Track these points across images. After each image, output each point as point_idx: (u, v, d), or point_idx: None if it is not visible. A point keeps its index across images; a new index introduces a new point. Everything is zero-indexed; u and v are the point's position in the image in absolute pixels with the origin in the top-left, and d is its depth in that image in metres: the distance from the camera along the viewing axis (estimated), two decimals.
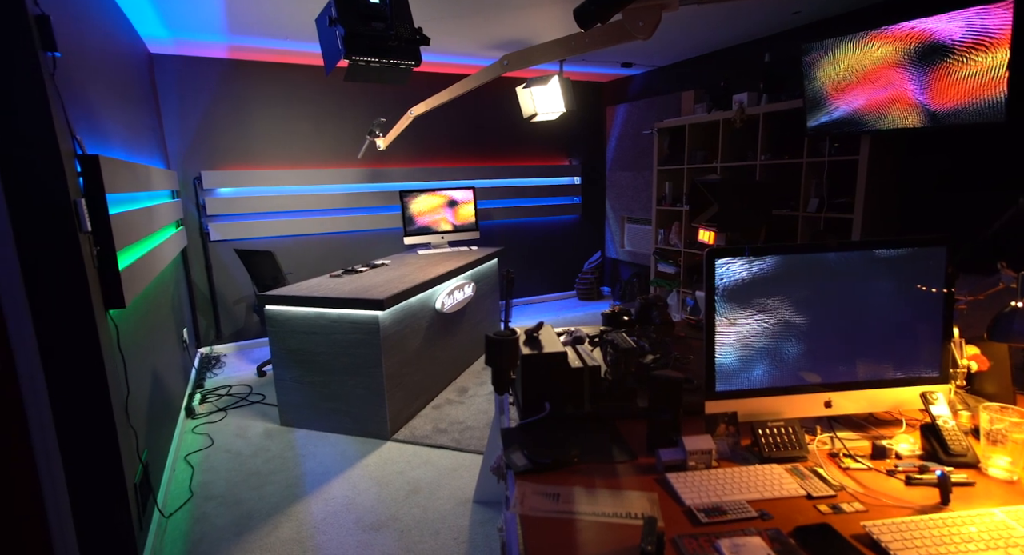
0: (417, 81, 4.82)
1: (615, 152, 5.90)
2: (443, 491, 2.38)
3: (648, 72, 5.34)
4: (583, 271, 6.05)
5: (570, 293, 6.20)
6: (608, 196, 6.10)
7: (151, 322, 2.64)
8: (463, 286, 3.74)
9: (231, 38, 3.73)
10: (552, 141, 5.79)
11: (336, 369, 2.90)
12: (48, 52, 1.59)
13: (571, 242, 6.10)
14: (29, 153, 1.56)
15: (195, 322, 4.36)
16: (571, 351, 1.66)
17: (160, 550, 2.05)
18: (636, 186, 5.62)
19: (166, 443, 2.63)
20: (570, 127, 5.81)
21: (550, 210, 5.82)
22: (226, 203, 4.33)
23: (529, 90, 3.38)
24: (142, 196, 2.54)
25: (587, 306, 5.82)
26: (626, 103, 5.63)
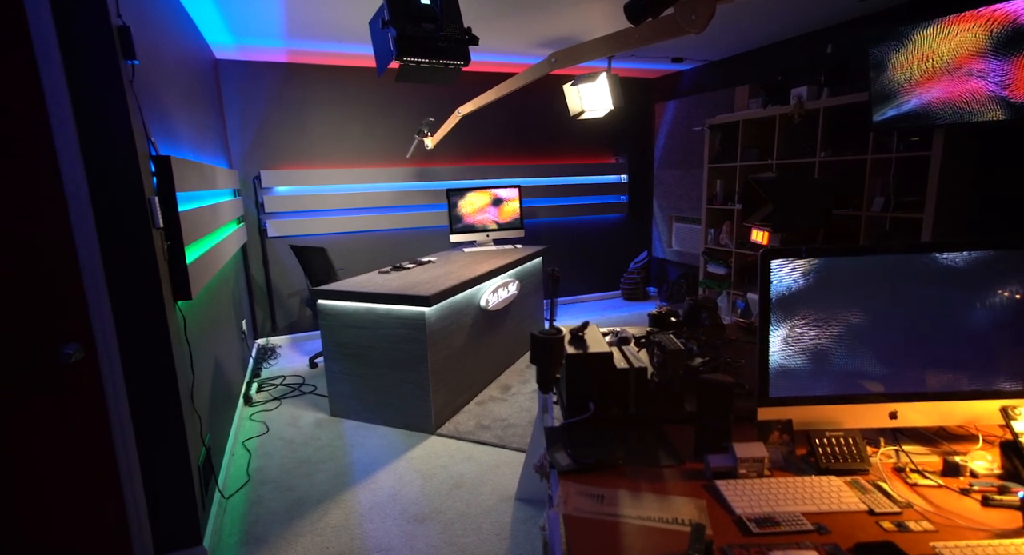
0: (465, 81, 4.89)
1: (663, 150, 5.77)
2: (486, 487, 2.41)
3: (699, 67, 5.19)
4: (628, 271, 5.96)
5: (615, 293, 6.12)
6: (656, 194, 5.98)
7: (213, 314, 2.79)
8: (507, 284, 3.76)
9: (289, 42, 3.88)
10: (598, 139, 5.72)
11: (383, 363, 2.98)
12: (128, 60, 1.70)
13: (617, 241, 6.01)
14: (110, 154, 1.68)
15: (253, 314, 4.59)
16: (617, 352, 1.64)
17: (220, 529, 2.18)
18: (685, 184, 5.48)
19: (226, 428, 2.78)
20: (617, 124, 5.73)
21: (596, 209, 5.76)
22: (282, 201, 4.52)
23: (576, 88, 3.36)
24: (207, 194, 2.68)
25: (632, 306, 5.73)
26: (676, 99, 5.50)
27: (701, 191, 4.93)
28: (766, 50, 4.44)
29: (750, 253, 4.33)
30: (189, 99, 2.88)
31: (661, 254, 5.97)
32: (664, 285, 5.88)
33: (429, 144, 4.06)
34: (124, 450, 1.81)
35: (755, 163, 4.21)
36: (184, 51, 2.91)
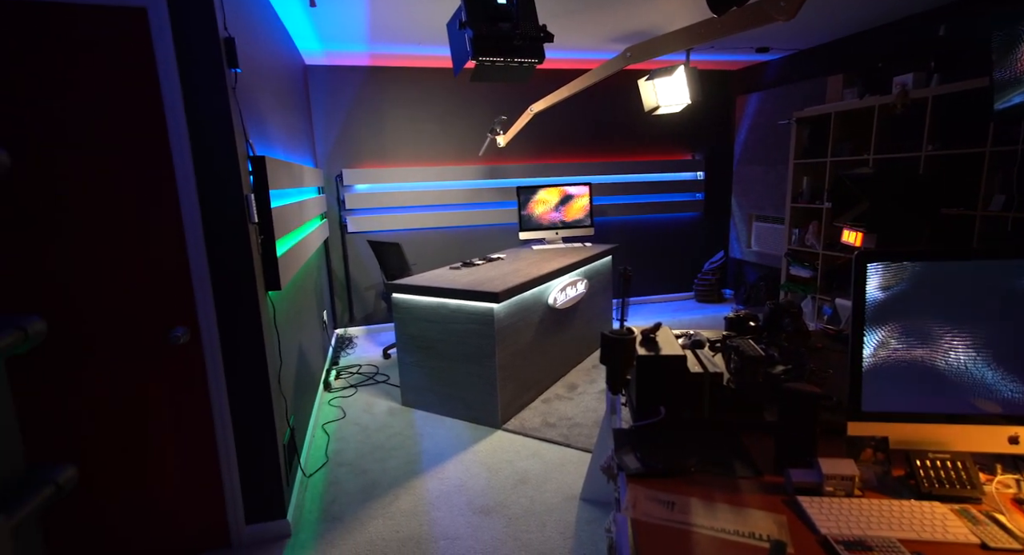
0: (537, 78, 4.89)
1: (744, 145, 5.48)
2: (550, 484, 2.41)
3: (787, 57, 4.87)
4: (703, 271, 5.73)
5: (688, 294, 5.91)
6: (734, 192, 5.69)
7: (298, 304, 2.98)
8: (576, 282, 3.73)
9: (372, 46, 4.06)
10: (674, 135, 5.53)
11: (453, 356, 3.06)
12: (232, 69, 1.85)
13: (691, 240, 5.79)
14: (215, 155, 1.84)
15: (333, 305, 4.86)
16: (690, 355, 1.58)
17: (302, 505, 2.33)
18: (767, 181, 5.18)
19: (308, 412, 2.96)
20: (694, 119, 5.51)
21: (669, 207, 5.58)
22: (362, 198, 4.75)
23: (652, 82, 3.26)
24: (295, 192, 2.87)
25: (706, 309, 5.50)
26: (759, 92, 5.20)
27: (785, 189, 4.64)
28: (864, 36, 4.09)
29: (840, 255, 4.02)
30: (282, 103, 3.09)
31: (739, 255, 5.68)
32: (741, 287, 5.59)
33: (501, 142, 4.10)
34: (222, 425, 1.98)
35: (848, 158, 3.90)
36: (279, 59, 3.12)
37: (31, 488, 0.64)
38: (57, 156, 1.68)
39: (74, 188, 1.71)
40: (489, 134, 4.15)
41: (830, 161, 4.02)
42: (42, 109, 1.65)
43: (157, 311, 1.85)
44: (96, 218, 1.74)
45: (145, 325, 1.84)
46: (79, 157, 1.70)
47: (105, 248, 1.77)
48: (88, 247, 1.75)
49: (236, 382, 1.99)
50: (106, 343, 1.81)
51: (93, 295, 1.78)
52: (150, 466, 1.93)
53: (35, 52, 1.61)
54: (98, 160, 1.72)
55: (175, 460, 1.96)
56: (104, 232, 1.76)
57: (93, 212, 1.74)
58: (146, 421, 1.90)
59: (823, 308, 4.08)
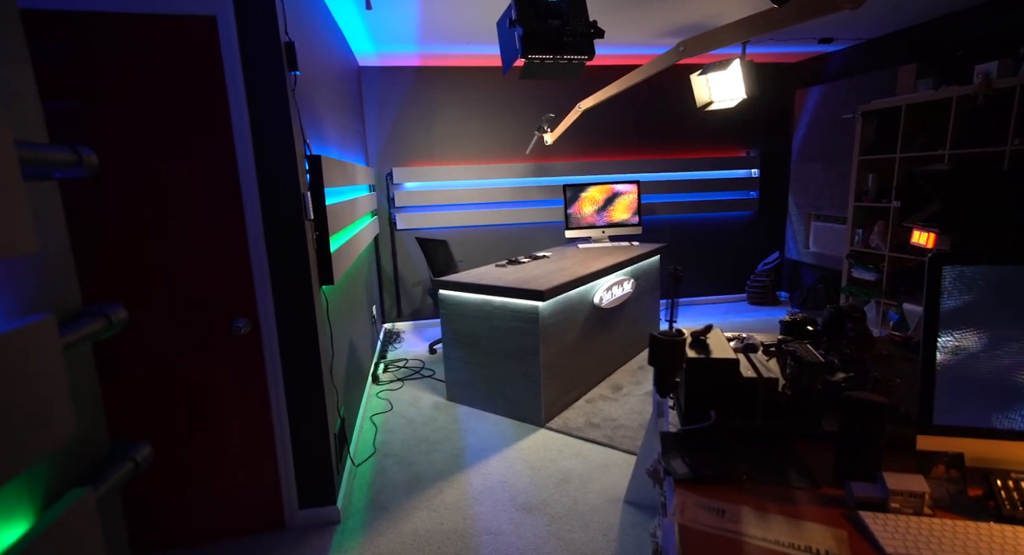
0: (586, 75, 4.83)
1: (803, 141, 5.23)
2: (594, 485, 2.39)
3: (852, 47, 4.61)
4: (756, 273, 5.51)
5: (739, 296, 5.70)
6: (792, 190, 5.45)
7: (349, 298, 3.08)
8: (622, 282, 3.68)
9: (422, 47, 4.14)
10: (727, 131, 5.35)
11: (497, 353, 3.08)
12: (291, 71, 1.93)
13: (744, 240, 5.58)
14: (275, 155, 1.92)
15: (381, 300, 4.99)
16: (743, 358, 1.53)
17: (351, 493, 2.41)
18: (827, 179, 4.92)
19: (357, 403, 3.06)
20: (749, 115, 5.30)
21: (721, 205, 5.40)
22: (410, 196, 4.85)
23: (705, 77, 3.16)
24: (348, 190, 2.97)
25: (759, 311, 5.30)
26: (821, 85, 4.95)
27: (848, 186, 4.40)
28: (940, 22, 3.81)
29: (909, 257, 3.78)
30: (336, 103, 3.20)
31: (795, 256, 5.43)
32: (798, 290, 5.35)
33: (548, 140, 4.09)
34: (278, 412, 2.08)
35: (920, 154, 3.65)
36: (334, 61, 3.23)
37: (113, 464, 0.69)
38: (136, 156, 1.80)
39: (152, 186, 1.83)
40: (536, 132, 4.14)
41: (899, 157, 3.78)
42: (123, 112, 1.77)
43: (222, 302, 1.96)
44: (170, 214, 1.86)
45: (211, 316, 1.95)
46: (157, 157, 1.82)
47: (178, 242, 1.88)
48: (163, 241, 1.87)
49: (292, 372, 2.08)
50: (177, 332, 1.93)
51: (167, 286, 1.90)
52: (214, 449, 2.05)
53: (116, 59, 1.74)
54: (173, 160, 1.83)
55: (236, 444, 2.07)
56: (177, 227, 1.87)
57: (167, 208, 1.86)
58: (211, 406, 2.01)
59: (888, 313, 3.84)
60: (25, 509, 0.56)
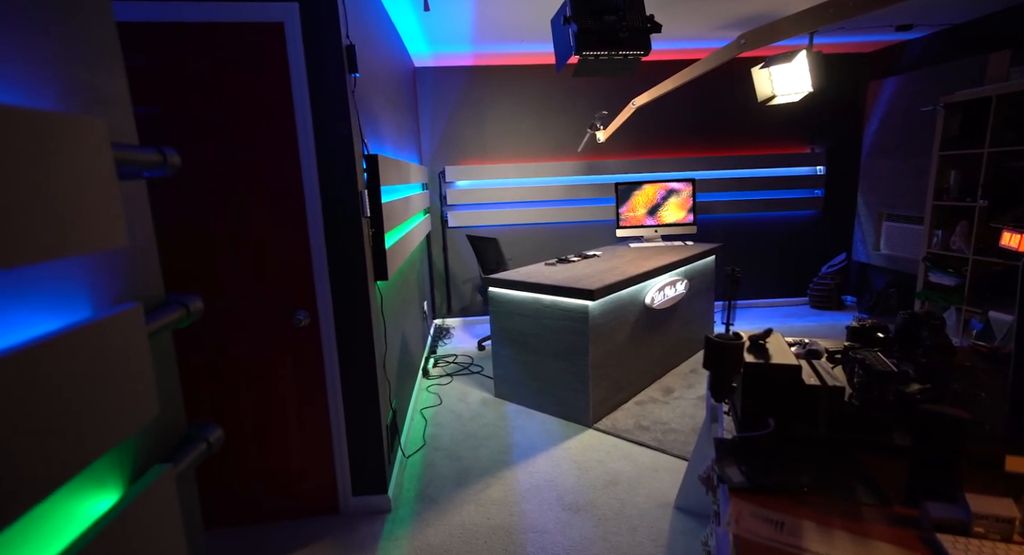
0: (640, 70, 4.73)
1: (876, 136, 4.91)
2: (642, 489, 2.35)
3: (934, 34, 4.28)
4: (820, 275, 5.23)
5: (801, 299, 5.43)
6: (861, 188, 5.13)
7: (402, 294, 3.16)
8: (675, 282, 3.58)
9: (476, 46, 4.18)
10: (790, 126, 5.10)
11: (546, 352, 3.08)
12: (352, 73, 2.00)
13: (807, 241, 5.31)
14: (335, 154, 2.00)
15: (432, 296, 5.09)
16: (805, 365, 1.46)
17: (401, 484, 2.48)
18: (902, 176, 4.60)
19: (408, 396, 3.14)
20: (815, 109, 5.03)
21: (782, 204, 5.16)
22: (462, 194, 4.92)
23: (768, 70, 3.02)
24: (402, 188, 3.04)
25: (821, 316, 5.03)
26: (896, 75, 4.62)
27: (926, 184, 4.09)
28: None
29: (996, 261, 3.47)
30: (393, 103, 3.29)
31: (864, 258, 5.11)
32: (866, 294, 5.04)
33: (601, 138, 4.04)
34: (334, 402, 2.16)
35: (1012, 149, 3.35)
36: (392, 62, 3.32)
37: (190, 444, 0.74)
38: (209, 157, 1.92)
39: (222, 185, 1.95)
40: (589, 130, 4.10)
41: (987, 152, 3.48)
42: (197, 115, 1.89)
43: (285, 296, 2.06)
44: (239, 211, 1.97)
45: (275, 308, 2.06)
46: (228, 157, 1.93)
47: (247, 237, 1.99)
48: (234, 236, 1.98)
49: (347, 363, 2.16)
50: (243, 322, 2.05)
51: (235, 279, 2.01)
52: (275, 434, 2.16)
53: (193, 65, 1.85)
54: (242, 160, 1.94)
55: (296, 430, 2.17)
56: (246, 223, 1.98)
57: (237, 205, 1.97)
58: (273, 394, 2.12)
59: (971, 322, 3.55)
60: (116, 481, 0.61)
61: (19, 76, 0.52)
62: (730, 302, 1.58)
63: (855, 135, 5.12)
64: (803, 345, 1.67)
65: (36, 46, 0.55)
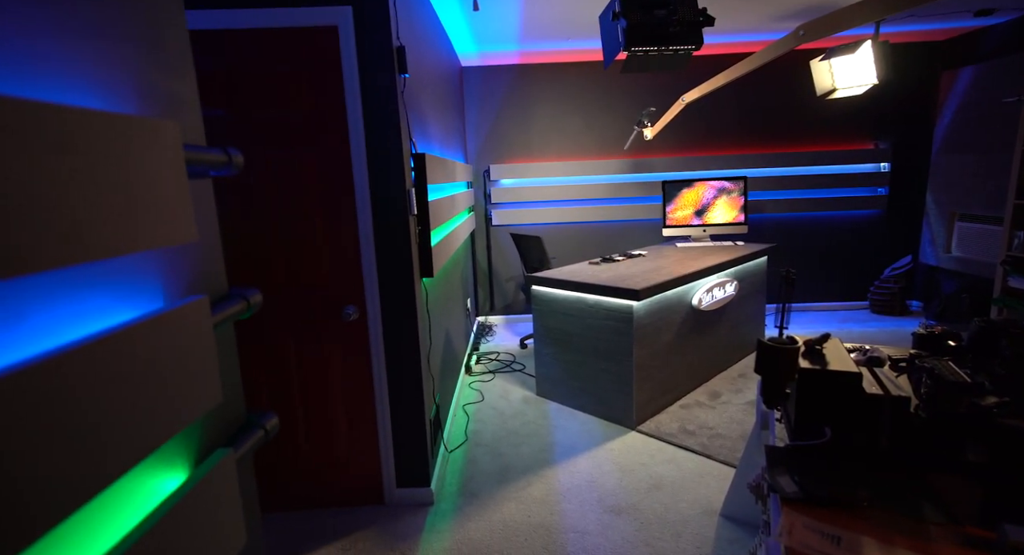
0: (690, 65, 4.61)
1: (949, 129, 4.59)
2: (687, 494, 2.29)
3: (1018, 18, 3.96)
4: (882, 278, 4.94)
5: (861, 303, 5.15)
6: (930, 187, 4.81)
7: (446, 291, 3.21)
8: (724, 284, 3.47)
9: (522, 45, 4.18)
10: (851, 121, 4.83)
11: (588, 351, 3.05)
12: (401, 74, 2.04)
13: (869, 242, 5.03)
14: (385, 153, 2.05)
15: (475, 294, 5.14)
16: (866, 372, 1.38)
17: (443, 477, 2.52)
18: (978, 173, 4.28)
19: (451, 392, 3.19)
20: (880, 102, 4.74)
21: (841, 204, 4.90)
22: (506, 192, 4.94)
23: (828, 62, 2.88)
24: (448, 186, 3.08)
25: (883, 321, 4.75)
26: (975, 64, 4.30)
27: (1006, 182, 3.79)
28: None
29: None
30: (440, 103, 3.33)
31: (932, 260, 4.79)
32: (935, 299, 4.72)
33: (648, 135, 3.95)
34: (380, 395, 2.22)
35: None
36: (440, 62, 3.37)
37: (249, 430, 0.78)
38: (267, 156, 2.01)
39: (279, 183, 2.03)
40: (636, 127, 4.02)
41: None
42: (257, 115, 1.98)
43: (335, 290, 2.13)
44: (293, 208, 2.05)
45: (326, 302, 2.13)
46: (284, 156, 2.01)
47: (301, 233, 2.07)
48: (288, 232, 2.07)
49: (393, 357, 2.21)
50: (297, 315, 2.13)
51: (290, 274, 2.10)
52: (324, 423, 2.24)
53: (254, 69, 1.94)
54: (297, 159, 2.02)
55: (343, 420, 2.24)
56: (300, 220, 2.06)
57: (292, 203, 2.05)
58: (323, 385, 2.20)
59: None
60: (183, 463, 0.65)
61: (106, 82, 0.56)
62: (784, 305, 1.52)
63: (925, 129, 4.80)
64: (864, 351, 1.59)
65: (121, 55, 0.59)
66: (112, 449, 0.50)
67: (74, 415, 0.46)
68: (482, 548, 2.02)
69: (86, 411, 0.47)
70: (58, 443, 0.44)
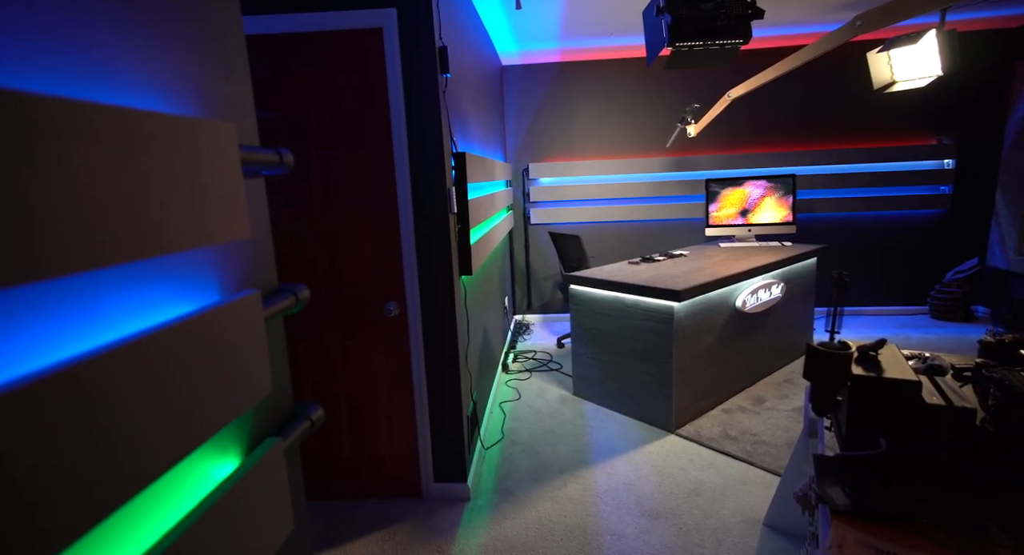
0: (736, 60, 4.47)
1: (1022, 124, 4.28)
2: (728, 501, 2.23)
3: None
4: (944, 282, 4.66)
5: (919, 308, 4.88)
6: (1001, 185, 4.49)
7: (484, 289, 3.23)
8: (770, 285, 3.35)
9: (563, 42, 4.16)
10: (911, 115, 4.57)
11: (627, 352, 3.01)
12: (443, 74, 2.07)
13: (930, 243, 4.75)
14: (426, 153, 2.08)
15: (513, 292, 5.15)
16: (926, 381, 1.31)
17: (480, 474, 2.54)
18: None
19: (487, 389, 3.21)
20: (943, 94, 4.47)
21: (900, 202, 4.64)
22: (545, 191, 4.93)
23: (887, 54, 2.73)
24: (487, 185, 3.10)
25: (944, 327, 4.48)
26: None
27: None
28: None
29: None
30: (480, 102, 3.35)
31: (1002, 263, 4.48)
32: (1003, 305, 4.42)
33: (692, 132, 3.86)
34: (419, 390, 2.26)
35: None
36: (480, 61, 3.39)
37: (296, 421, 0.80)
38: (314, 156, 2.07)
39: (325, 181, 2.09)
40: (679, 124, 3.94)
41: None
42: (305, 116, 2.04)
43: (376, 287, 2.17)
44: (340, 207, 2.11)
45: (367, 298, 2.18)
46: (330, 156, 2.07)
47: (346, 231, 2.13)
48: (335, 229, 2.13)
49: (432, 354, 2.24)
50: (341, 311, 2.19)
51: (335, 270, 2.16)
52: (365, 416, 2.29)
53: (302, 71, 2.00)
54: (342, 159, 2.08)
55: (384, 415, 2.29)
56: (344, 218, 2.12)
57: (336, 201, 2.11)
58: (364, 380, 2.25)
59: None
60: (235, 450, 0.68)
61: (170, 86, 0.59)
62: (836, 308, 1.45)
63: (995, 124, 4.50)
64: (923, 359, 1.50)
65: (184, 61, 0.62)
66: (171, 436, 0.53)
67: (139, 401, 0.49)
68: (517, 546, 2.02)
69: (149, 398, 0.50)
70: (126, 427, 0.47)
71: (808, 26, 4.02)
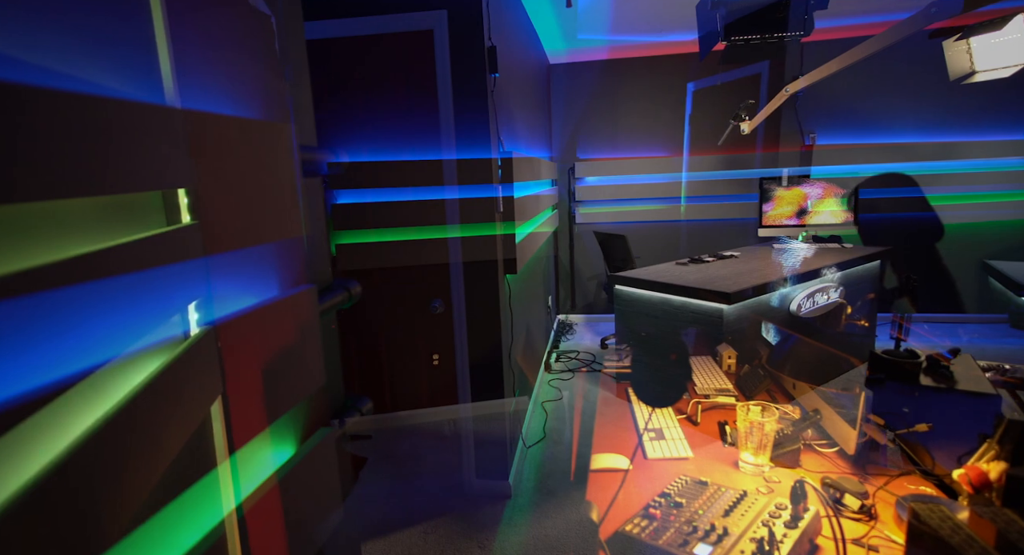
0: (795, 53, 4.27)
1: None
2: None
3: None
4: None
5: (997, 316, 4.52)
6: None
7: (528, 288, 3.23)
8: (827, 289, 3.19)
9: (612, 38, 4.10)
10: (992, 109, 4.24)
11: None
12: (492, 74, 2.08)
13: (1010, 246, 4.39)
14: (473, 152, 2.10)
15: (557, 292, 5.13)
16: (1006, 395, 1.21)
17: (521, 472, 2.54)
18: None
19: (530, 388, 3.21)
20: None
21: (975, 203, 4.31)
22: (590, 191, 4.88)
23: (966, 42, 2.54)
24: (533, 185, 3.10)
25: None
26: None
27: None
28: None
29: None
30: (527, 101, 3.36)
31: None
32: None
33: (745, 129, 3.72)
34: (463, 384, 2.29)
35: None
36: (528, 61, 3.39)
37: (347, 411, 0.83)
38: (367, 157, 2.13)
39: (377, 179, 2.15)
40: (732, 121, 3.80)
41: None
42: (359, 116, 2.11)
43: (423, 284, 2.22)
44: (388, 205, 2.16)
45: (415, 295, 2.23)
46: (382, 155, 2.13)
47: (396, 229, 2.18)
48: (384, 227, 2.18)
49: (476, 351, 2.27)
50: (390, 307, 2.25)
51: (385, 267, 2.22)
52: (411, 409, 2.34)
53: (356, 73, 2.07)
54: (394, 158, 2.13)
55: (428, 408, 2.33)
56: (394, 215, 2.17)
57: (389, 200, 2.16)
58: (410, 373, 2.30)
59: None
60: (292, 438, 0.71)
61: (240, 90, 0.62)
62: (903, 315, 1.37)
63: None
64: (1002, 371, 1.39)
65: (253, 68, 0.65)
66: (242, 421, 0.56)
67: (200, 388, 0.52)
68: (557, 546, 2.02)
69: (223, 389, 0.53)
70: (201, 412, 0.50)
71: (872, 15, 3.79)
